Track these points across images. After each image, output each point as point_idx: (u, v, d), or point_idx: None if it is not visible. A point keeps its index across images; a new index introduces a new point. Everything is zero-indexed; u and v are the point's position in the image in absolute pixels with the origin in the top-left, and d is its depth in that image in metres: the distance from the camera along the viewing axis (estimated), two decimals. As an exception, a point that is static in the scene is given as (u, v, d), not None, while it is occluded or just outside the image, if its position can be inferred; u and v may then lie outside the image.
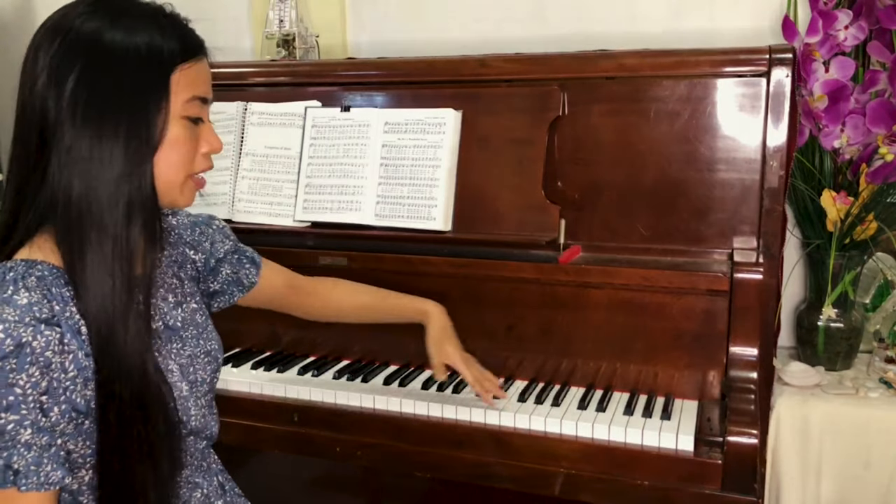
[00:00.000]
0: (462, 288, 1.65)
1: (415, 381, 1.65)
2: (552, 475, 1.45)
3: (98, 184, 0.91)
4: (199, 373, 1.09)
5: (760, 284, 1.47)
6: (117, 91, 0.91)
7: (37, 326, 0.87)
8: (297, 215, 1.79)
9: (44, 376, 0.88)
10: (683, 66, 1.59)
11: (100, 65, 0.91)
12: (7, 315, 0.86)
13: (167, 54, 0.94)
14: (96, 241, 0.91)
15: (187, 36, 0.98)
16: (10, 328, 0.86)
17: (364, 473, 1.94)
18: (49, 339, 0.88)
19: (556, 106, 1.65)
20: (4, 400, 0.86)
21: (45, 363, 0.88)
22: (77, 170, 0.90)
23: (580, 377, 1.61)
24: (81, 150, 0.90)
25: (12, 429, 0.87)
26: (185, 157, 0.98)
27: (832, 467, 1.59)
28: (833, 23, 1.65)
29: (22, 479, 0.87)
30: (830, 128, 1.67)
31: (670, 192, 1.62)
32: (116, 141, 0.91)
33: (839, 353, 1.74)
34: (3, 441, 0.87)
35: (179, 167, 0.97)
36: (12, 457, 0.87)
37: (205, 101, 1.00)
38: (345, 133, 1.78)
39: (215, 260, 1.25)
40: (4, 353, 0.85)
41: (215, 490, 1.16)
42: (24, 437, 0.87)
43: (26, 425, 0.87)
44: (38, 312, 0.87)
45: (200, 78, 0.98)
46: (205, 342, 1.11)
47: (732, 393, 1.43)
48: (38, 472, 0.88)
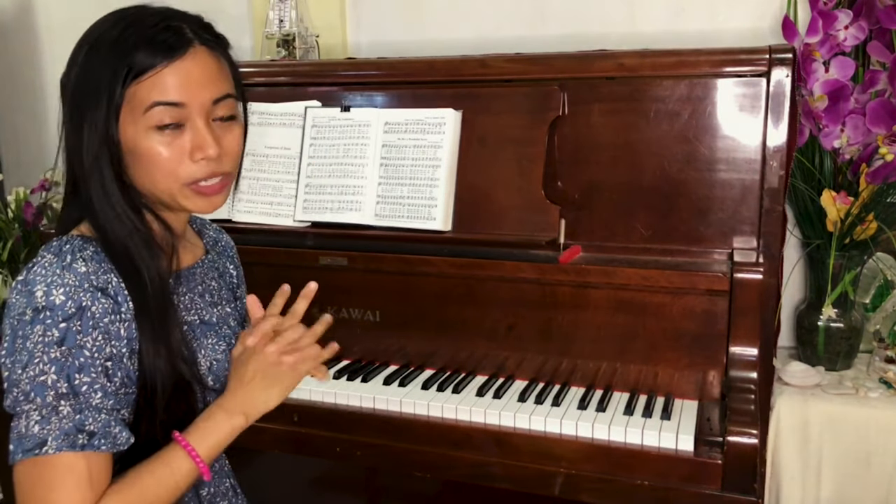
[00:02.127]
0: (462, 288, 1.65)
1: (415, 381, 1.65)
2: (552, 475, 1.45)
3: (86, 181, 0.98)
4: (227, 371, 1.08)
5: (760, 284, 1.47)
6: (85, 85, 0.96)
7: (94, 293, 0.91)
8: (297, 215, 1.79)
9: (106, 342, 0.92)
10: (683, 66, 1.59)
11: (76, 69, 0.97)
12: (68, 280, 0.91)
13: (128, 53, 0.94)
14: (102, 234, 0.97)
15: (154, 44, 0.94)
16: (71, 292, 0.90)
17: (364, 473, 1.94)
18: (106, 307, 0.92)
19: (556, 106, 1.65)
20: (76, 360, 0.90)
21: (104, 329, 0.92)
22: (76, 164, 0.98)
23: (580, 377, 1.61)
24: (70, 144, 0.99)
25: (86, 391, 0.90)
26: (168, 167, 0.96)
27: (832, 467, 1.59)
28: (833, 23, 1.65)
29: (97, 440, 0.90)
30: (830, 128, 1.67)
31: (670, 191, 1.62)
32: (84, 135, 0.96)
33: (839, 353, 1.74)
34: (78, 402, 0.90)
35: (166, 177, 0.97)
36: (87, 419, 0.90)
37: (175, 105, 0.95)
38: (345, 133, 1.78)
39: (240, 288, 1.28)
40: (68, 315, 0.89)
41: (224, 492, 1.17)
42: (95, 400, 0.91)
43: (97, 388, 0.91)
44: (95, 281, 0.92)
45: (170, 83, 0.94)
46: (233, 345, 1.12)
47: (732, 393, 1.43)
48: (108, 434, 0.91)
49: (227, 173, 1.02)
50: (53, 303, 0.89)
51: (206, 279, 1.13)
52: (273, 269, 1.80)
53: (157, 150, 0.95)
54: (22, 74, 2.70)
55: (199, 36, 0.98)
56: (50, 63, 2.66)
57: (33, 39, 2.67)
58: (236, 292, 1.25)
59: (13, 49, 2.70)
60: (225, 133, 1.01)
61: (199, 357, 1.05)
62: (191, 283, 1.09)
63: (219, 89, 0.99)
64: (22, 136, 2.70)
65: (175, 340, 0.99)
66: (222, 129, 1.00)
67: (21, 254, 2.26)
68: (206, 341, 1.08)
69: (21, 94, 2.71)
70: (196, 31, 0.98)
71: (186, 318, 1.06)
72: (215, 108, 0.99)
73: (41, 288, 0.90)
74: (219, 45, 1.02)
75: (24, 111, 2.71)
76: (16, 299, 0.92)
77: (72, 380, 0.89)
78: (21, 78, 2.71)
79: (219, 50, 1.01)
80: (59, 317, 0.89)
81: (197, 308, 1.09)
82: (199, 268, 1.13)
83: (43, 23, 2.65)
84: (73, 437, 0.89)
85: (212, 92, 0.98)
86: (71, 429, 0.89)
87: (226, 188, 1.02)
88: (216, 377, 1.07)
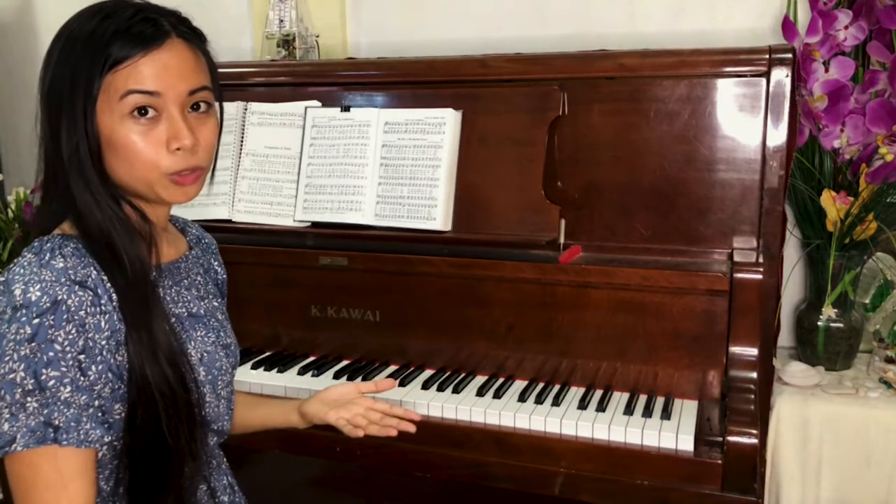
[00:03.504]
0: (462, 288, 1.65)
1: (415, 381, 1.65)
2: (552, 475, 1.45)
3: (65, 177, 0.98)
4: (219, 363, 1.10)
5: (760, 284, 1.47)
6: (59, 79, 0.97)
7: (71, 286, 0.91)
8: (297, 215, 1.79)
9: (80, 335, 0.91)
10: (683, 66, 1.59)
11: (52, 63, 0.98)
12: (45, 276, 0.91)
13: (103, 44, 0.95)
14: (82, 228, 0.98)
15: (131, 35, 0.95)
16: (46, 287, 0.90)
17: (364, 473, 1.94)
18: (82, 299, 0.92)
19: (556, 106, 1.65)
20: (45, 356, 0.89)
21: (80, 322, 0.91)
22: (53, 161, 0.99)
23: (580, 377, 1.61)
24: (45, 142, 0.99)
25: (53, 385, 0.90)
26: (144, 156, 0.97)
27: (832, 467, 1.59)
28: (833, 23, 1.65)
29: (62, 435, 0.90)
30: (830, 128, 1.67)
31: (670, 191, 1.62)
32: (62, 127, 0.96)
33: (839, 353, 1.74)
34: (45, 398, 0.90)
35: (143, 166, 0.98)
36: (53, 413, 0.90)
37: (150, 94, 0.95)
38: (345, 133, 1.78)
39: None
40: (42, 310, 0.90)
41: (224, 488, 1.18)
42: (63, 394, 0.90)
43: (66, 383, 0.90)
44: (73, 275, 0.92)
45: (147, 73, 0.95)
46: (224, 336, 1.14)
47: (732, 393, 1.43)
48: (77, 430, 0.91)
49: (202, 167, 1.03)
50: (29, 300, 0.90)
51: (191, 273, 1.14)
52: (273, 270, 1.81)
53: (133, 139, 0.96)
54: (22, 74, 2.70)
55: (177, 28, 0.99)
56: (50, 63, 2.65)
57: (33, 39, 2.67)
58: (222, 289, 1.26)
59: (13, 49, 2.70)
60: (200, 125, 1.01)
61: (190, 348, 1.05)
62: (176, 277, 1.10)
63: (195, 81, 1.00)
64: (22, 136, 2.69)
65: (160, 330, 0.99)
66: (198, 120, 1.01)
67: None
68: (196, 333, 1.08)
69: (21, 94, 2.71)
70: (173, 24, 0.99)
71: (174, 311, 1.07)
72: (191, 98, 0.99)
73: (19, 286, 0.91)
74: (196, 38, 1.03)
75: (24, 111, 2.70)
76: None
77: (38, 375, 0.89)
78: (21, 78, 2.70)
79: (195, 43, 1.02)
80: (34, 313, 0.89)
81: (184, 301, 1.09)
82: (184, 262, 1.14)
83: (43, 23, 2.65)
84: (39, 433, 0.89)
85: (188, 83, 0.99)
86: (38, 424, 0.89)
87: (200, 179, 1.03)
88: (207, 368, 1.07)
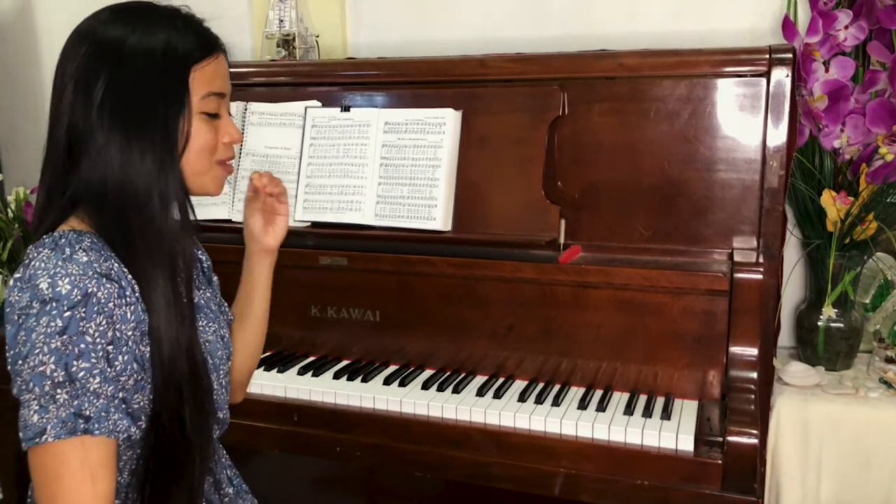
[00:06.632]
0: (462, 288, 1.65)
1: (415, 381, 1.65)
2: (552, 475, 1.45)
3: (133, 179, 0.98)
4: (220, 352, 1.14)
5: (760, 284, 1.47)
6: (141, 95, 0.99)
7: (99, 279, 0.93)
8: (297, 215, 1.79)
9: (109, 326, 0.94)
10: (683, 66, 1.59)
11: (123, 71, 0.98)
12: (72, 269, 0.92)
13: (182, 56, 1.01)
14: (138, 228, 0.98)
15: (202, 35, 1.04)
16: (76, 280, 0.92)
17: (364, 473, 1.94)
18: (110, 291, 0.94)
19: (556, 106, 1.65)
20: (76, 348, 0.91)
21: (109, 314, 0.93)
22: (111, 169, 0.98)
23: (580, 377, 1.61)
24: (112, 152, 0.98)
25: (83, 376, 0.92)
26: (207, 149, 1.05)
27: (832, 467, 1.58)
28: (833, 23, 1.65)
29: (94, 425, 0.92)
30: (830, 128, 1.67)
31: (670, 192, 1.62)
32: (144, 141, 0.98)
33: (839, 353, 1.73)
34: (74, 389, 0.91)
35: (203, 157, 1.05)
36: (83, 404, 0.92)
37: (222, 95, 1.06)
38: (345, 133, 1.78)
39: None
40: (74, 303, 0.91)
41: (227, 481, 1.21)
42: (92, 385, 0.92)
43: (95, 374, 0.92)
44: (98, 268, 0.94)
45: (217, 74, 1.05)
46: (219, 327, 1.16)
47: (732, 393, 1.43)
48: (107, 420, 0.93)
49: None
50: (60, 293, 0.91)
51: None
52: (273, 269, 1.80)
53: (203, 131, 1.04)
54: (22, 74, 2.70)
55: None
56: (50, 63, 2.63)
57: (33, 40, 2.67)
58: (209, 275, 1.27)
59: (13, 49, 2.70)
60: None
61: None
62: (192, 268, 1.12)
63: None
64: (22, 136, 2.70)
65: (185, 311, 1.01)
66: None
67: (21, 254, 2.26)
68: (198, 322, 1.10)
69: (21, 94, 2.71)
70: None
71: None
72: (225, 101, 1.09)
73: (45, 280, 0.92)
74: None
75: (24, 111, 2.70)
76: (18, 296, 0.93)
77: (69, 367, 0.91)
78: (21, 78, 2.70)
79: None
80: (65, 306, 0.91)
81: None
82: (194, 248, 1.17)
83: (43, 23, 2.65)
84: (70, 424, 0.90)
85: (231, 86, 1.10)
86: (69, 416, 0.91)
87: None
88: (211, 357, 1.10)
